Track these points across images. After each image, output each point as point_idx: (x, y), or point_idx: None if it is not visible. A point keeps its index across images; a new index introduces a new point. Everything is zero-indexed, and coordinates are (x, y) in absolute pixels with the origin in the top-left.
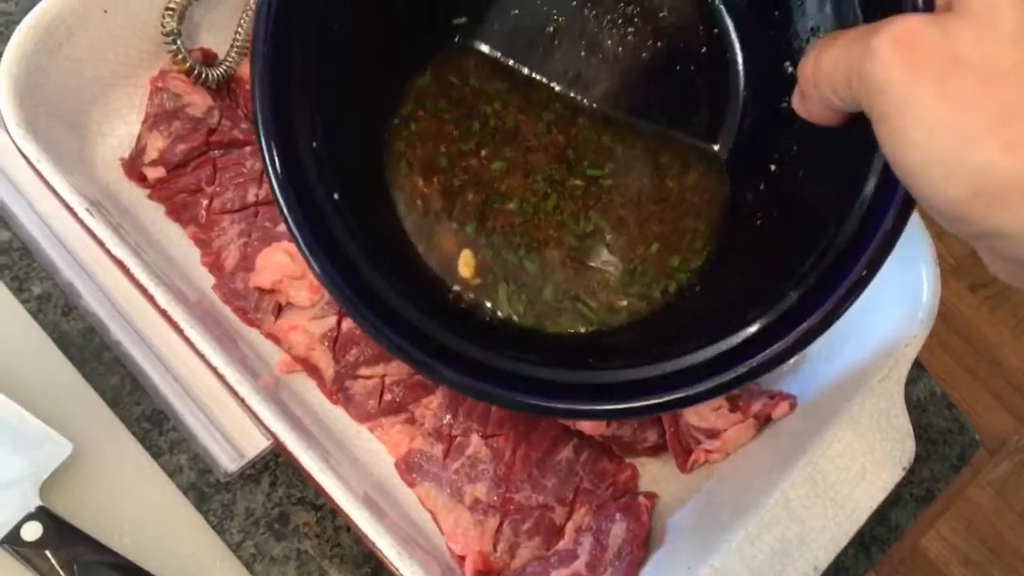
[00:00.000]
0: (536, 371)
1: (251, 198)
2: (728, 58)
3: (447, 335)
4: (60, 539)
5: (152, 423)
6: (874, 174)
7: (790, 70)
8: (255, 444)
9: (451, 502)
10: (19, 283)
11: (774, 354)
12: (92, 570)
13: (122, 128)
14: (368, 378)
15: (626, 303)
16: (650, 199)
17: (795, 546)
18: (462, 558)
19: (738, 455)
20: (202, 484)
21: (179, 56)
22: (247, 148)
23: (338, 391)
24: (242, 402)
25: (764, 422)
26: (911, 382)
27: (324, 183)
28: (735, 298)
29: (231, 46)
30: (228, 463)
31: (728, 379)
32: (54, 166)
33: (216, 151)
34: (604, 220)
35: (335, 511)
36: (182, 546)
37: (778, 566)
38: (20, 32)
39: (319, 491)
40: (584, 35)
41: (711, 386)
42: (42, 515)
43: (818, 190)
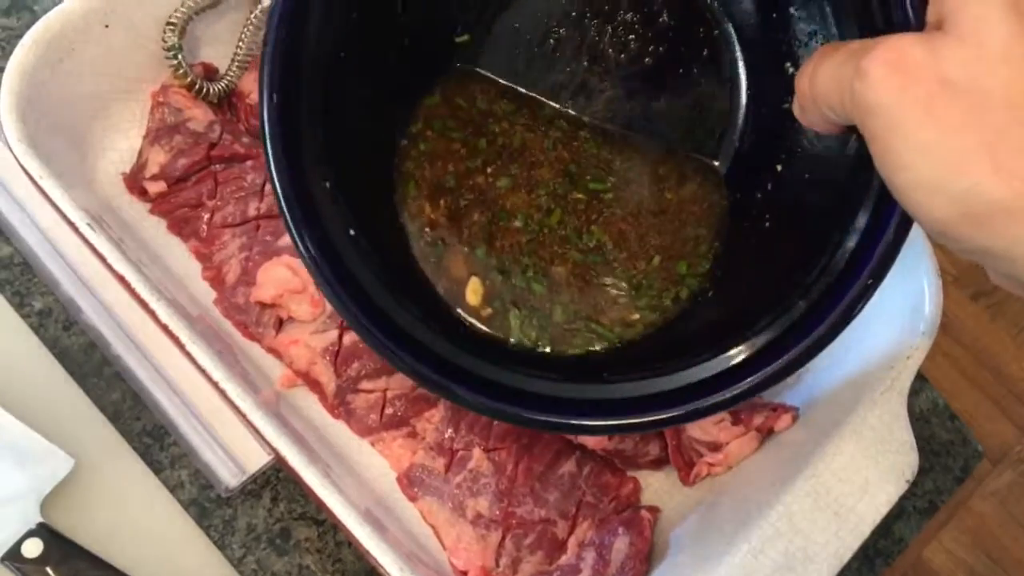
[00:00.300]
0: (551, 388)
1: (252, 212)
2: (730, 59)
3: (464, 357)
4: (61, 556)
5: (153, 438)
6: (877, 179)
7: (791, 71)
8: (256, 459)
9: (453, 517)
10: (20, 298)
11: (786, 363)
12: None
13: (123, 143)
14: (370, 392)
15: (639, 316)
16: (649, 211)
17: (799, 560)
18: (464, 573)
19: (740, 468)
20: (203, 499)
21: (180, 71)
22: (248, 162)
23: (339, 405)
24: (243, 417)
25: (766, 435)
26: (913, 394)
27: (339, 219)
28: (746, 303)
29: (232, 60)
30: (229, 478)
31: (745, 388)
32: (55, 181)
33: (217, 165)
34: (606, 235)
35: (336, 526)
36: (183, 562)
37: None
38: (22, 47)
39: (320, 506)
40: (585, 45)
41: (725, 397)
42: (43, 531)
43: (821, 194)
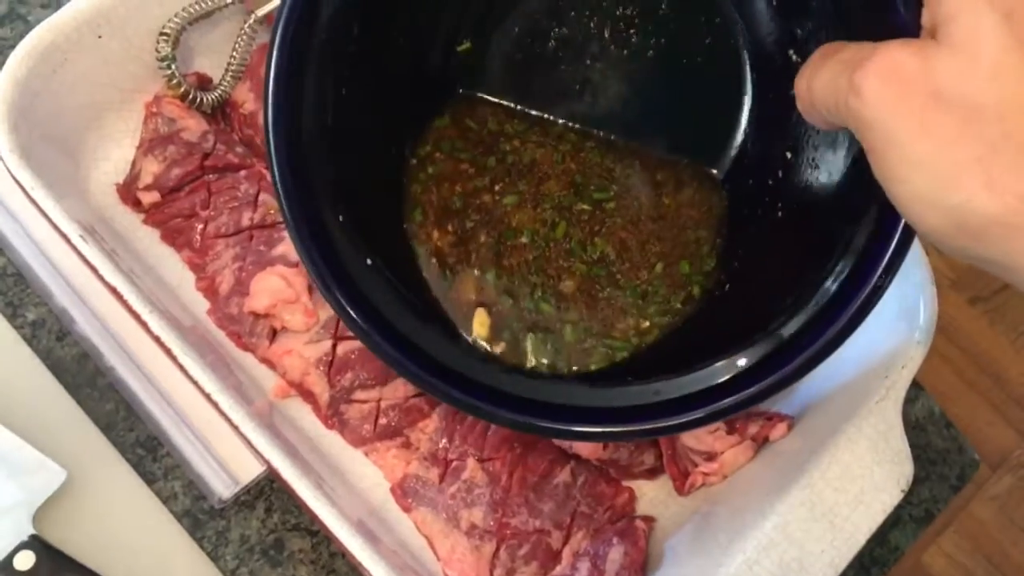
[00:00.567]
0: (573, 395)
1: (246, 222)
2: (733, 47)
3: (486, 373)
4: (53, 568)
5: (146, 449)
6: None
7: (795, 59)
8: (249, 470)
9: (447, 527)
10: (13, 309)
11: (809, 356)
12: None
13: (117, 153)
14: (363, 402)
15: (650, 323)
16: (649, 218)
17: (794, 570)
18: None
19: (735, 477)
20: (196, 510)
21: (173, 81)
22: (242, 172)
23: (333, 416)
24: (236, 429)
25: (761, 444)
26: (909, 401)
27: (355, 250)
28: (766, 294)
29: (226, 70)
30: (222, 489)
31: (765, 386)
32: (48, 192)
33: (211, 175)
34: (608, 245)
35: (330, 538)
36: (176, 574)
37: None
38: (14, 58)
39: (313, 518)
40: (587, 43)
41: (740, 399)
42: (35, 544)
43: (831, 187)
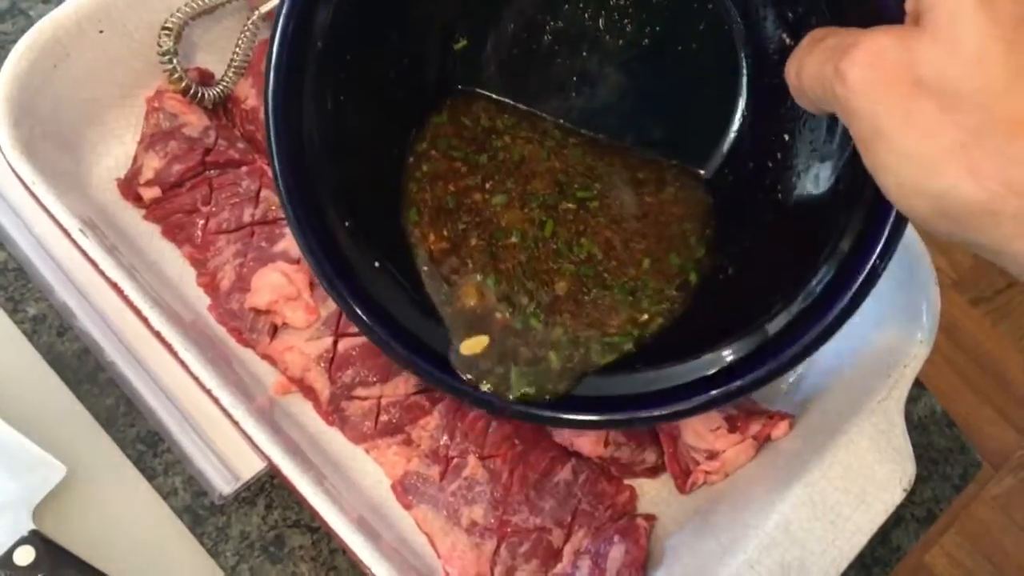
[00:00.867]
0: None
1: (247, 218)
2: (728, 30)
3: None
4: (53, 564)
5: (147, 445)
6: None
7: (788, 41)
8: (250, 466)
9: (448, 525)
10: (14, 304)
11: (814, 337)
12: None
13: (118, 148)
14: (364, 399)
15: (648, 314)
16: (632, 216)
17: (795, 570)
18: None
19: (737, 476)
20: (197, 507)
21: (175, 75)
22: (243, 168)
23: (334, 412)
24: (237, 425)
25: (763, 442)
26: (911, 401)
27: (362, 254)
28: (771, 275)
29: (228, 66)
30: (223, 485)
31: (775, 366)
32: (49, 187)
33: (212, 171)
34: (594, 245)
35: (330, 535)
36: (177, 570)
37: None
38: (16, 53)
39: (314, 515)
40: (582, 36)
41: (748, 381)
42: (35, 539)
43: (818, 189)
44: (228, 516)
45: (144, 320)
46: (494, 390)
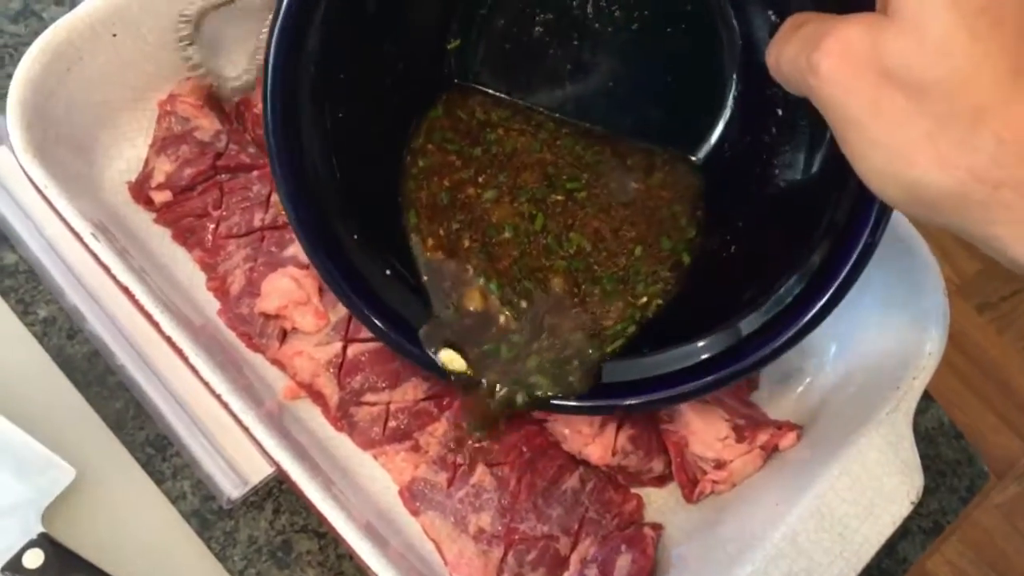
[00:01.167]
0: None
1: (257, 223)
2: (717, 8)
3: None
4: (62, 567)
5: (156, 448)
6: None
7: (774, 19)
8: (259, 471)
9: (455, 532)
10: (24, 306)
11: (818, 309)
12: None
13: (130, 151)
14: (373, 405)
15: (645, 297)
16: (620, 204)
17: None
18: None
19: (744, 486)
20: (205, 511)
21: (192, 63)
22: (254, 172)
23: (342, 418)
24: (246, 430)
25: (771, 452)
26: (919, 412)
27: (372, 263)
28: (762, 257)
29: (250, 62)
30: (231, 490)
31: (780, 343)
32: (61, 191)
33: (223, 175)
34: (584, 238)
35: (338, 540)
36: (184, 574)
37: None
38: (29, 56)
39: (322, 520)
40: (571, 26)
41: (757, 358)
42: (44, 542)
43: (806, 179)
44: (236, 520)
45: (155, 324)
46: (508, 394)
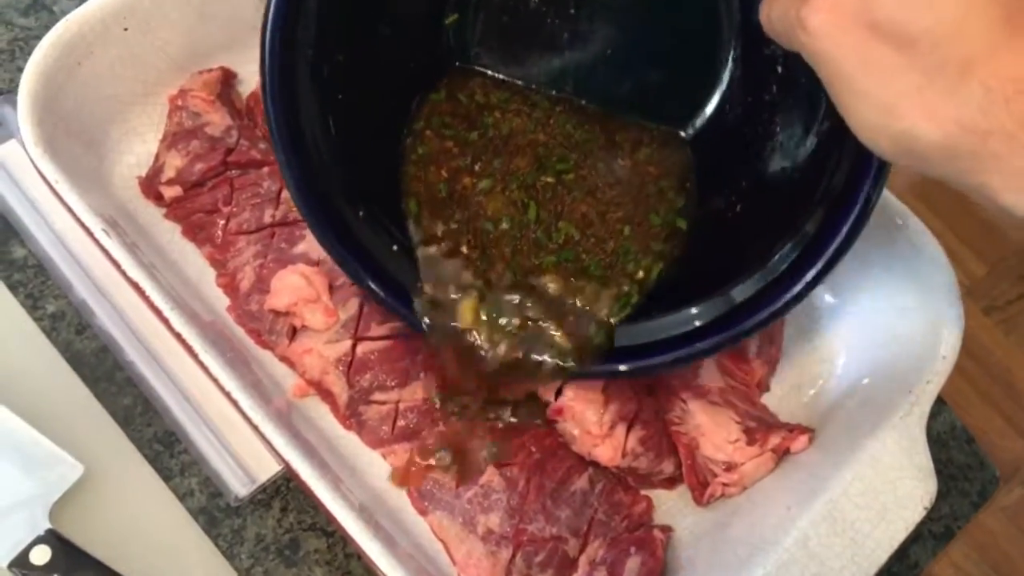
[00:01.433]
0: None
1: (267, 219)
2: None
3: None
4: (69, 563)
5: (164, 445)
6: None
7: None
8: (267, 468)
9: (463, 532)
10: (33, 301)
11: (807, 281)
12: None
13: (140, 146)
14: (382, 404)
15: (642, 272)
16: (606, 184)
17: None
18: None
19: (755, 489)
20: (212, 508)
21: None
22: (265, 168)
23: (351, 416)
24: (255, 428)
25: (782, 455)
26: (931, 416)
27: (379, 240)
28: (761, 218)
29: None
30: (239, 487)
31: (773, 310)
32: (71, 186)
33: (234, 171)
34: (572, 225)
35: (346, 539)
36: (191, 571)
37: None
38: (40, 50)
39: (330, 519)
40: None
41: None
42: (51, 538)
43: (799, 156)
44: (244, 518)
45: (164, 321)
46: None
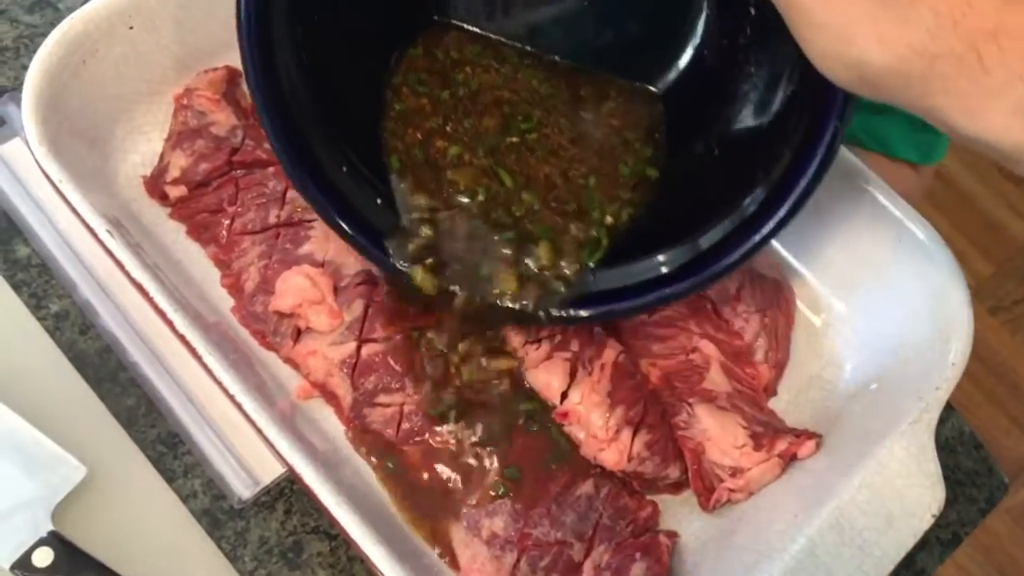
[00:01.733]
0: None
1: (272, 219)
2: None
3: None
4: (71, 566)
5: (167, 446)
6: None
7: None
8: (270, 470)
9: (468, 536)
10: (37, 300)
11: (772, 226)
12: None
13: (145, 146)
14: (386, 406)
15: (611, 218)
16: (569, 140)
17: None
18: None
19: (762, 495)
20: (216, 510)
21: None
22: (270, 169)
23: (356, 418)
24: (258, 431)
25: (789, 461)
26: (939, 422)
27: (363, 194)
28: (735, 163)
29: None
30: (243, 489)
31: (738, 256)
32: (76, 186)
33: (239, 171)
34: (536, 197)
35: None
36: (194, 574)
37: None
38: (45, 48)
39: (333, 522)
40: None
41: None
42: (54, 540)
43: (763, 115)
44: (247, 520)
45: (168, 323)
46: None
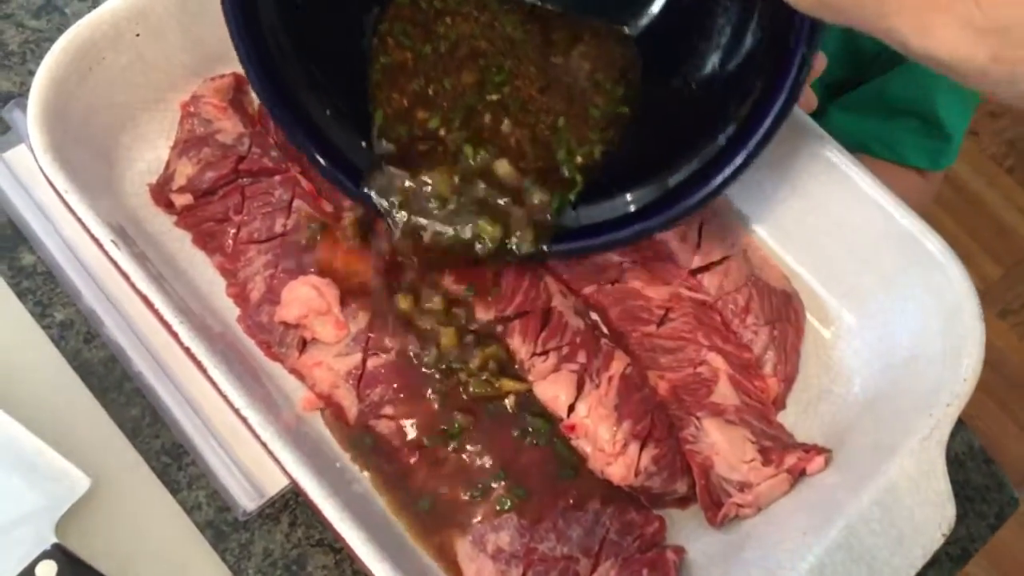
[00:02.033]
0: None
1: (279, 228)
2: None
3: None
4: None
5: (171, 457)
6: None
7: None
8: (275, 482)
9: (473, 551)
10: (42, 308)
11: (739, 163)
12: None
13: (150, 154)
14: (392, 418)
15: (581, 158)
16: (539, 91)
17: None
18: None
19: (770, 511)
20: (220, 522)
21: None
22: (276, 177)
23: (361, 430)
24: (263, 444)
25: (798, 477)
26: (949, 436)
27: (349, 137)
28: (712, 103)
29: None
30: (247, 501)
31: (705, 193)
32: (81, 196)
33: (245, 179)
34: (510, 169)
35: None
36: None
37: None
38: (52, 55)
39: (337, 537)
40: None
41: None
42: (57, 553)
43: (732, 59)
44: (251, 533)
45: (174, 335)
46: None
